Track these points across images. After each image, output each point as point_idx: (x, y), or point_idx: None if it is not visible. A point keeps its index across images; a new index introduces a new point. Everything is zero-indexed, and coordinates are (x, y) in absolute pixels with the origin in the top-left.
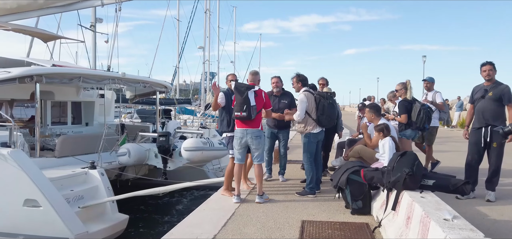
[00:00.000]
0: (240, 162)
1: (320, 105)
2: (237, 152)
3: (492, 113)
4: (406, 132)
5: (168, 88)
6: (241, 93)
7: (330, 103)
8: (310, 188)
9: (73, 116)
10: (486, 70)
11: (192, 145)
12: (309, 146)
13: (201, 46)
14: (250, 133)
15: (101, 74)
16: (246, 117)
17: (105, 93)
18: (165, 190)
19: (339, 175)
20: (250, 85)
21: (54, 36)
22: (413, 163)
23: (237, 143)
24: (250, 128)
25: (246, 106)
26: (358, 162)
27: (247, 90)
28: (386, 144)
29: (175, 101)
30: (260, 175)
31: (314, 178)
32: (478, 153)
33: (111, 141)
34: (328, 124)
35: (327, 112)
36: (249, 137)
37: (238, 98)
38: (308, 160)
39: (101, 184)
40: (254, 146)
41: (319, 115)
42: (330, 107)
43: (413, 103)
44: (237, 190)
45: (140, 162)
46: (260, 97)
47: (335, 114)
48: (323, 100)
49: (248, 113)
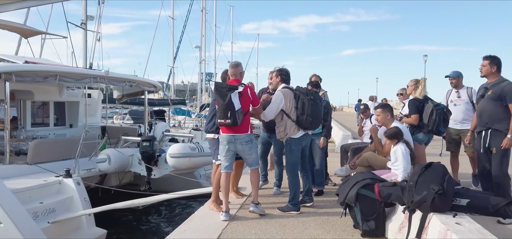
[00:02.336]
0: (227, 170)
1: (300, 103)
2: (223, 159)
3: (491, 114)
4: (418, 135)
5: (157, 87)
6: (223, 96)
7: (311, 100)
8: (293, 204)
9: (56, 118)
10: (481, 66)
11: (179, 151)
12: (290, 155)
13: (197, 46)
14: (238, 139)
15: (81, 72)
16: (231, 124)
17: (92, 93)
18: (145, 202)
19: (347, 189)
20: (232, 86)
21: (35, 31)
22: (443, 178)
23: (223, 150)
24: (237, 133)
25: (230, 112)
26: (369, 173)
27: (229, 92)
28: (398, 150)
29: (169, 102)
30: (256, 181)
31: (298, 193)
32: (485, 161)
33: (92, 145)
34: (311, 126)
35: (308, 111)
36: (238, 143)
37: (220, 103)
38: (291, 172)
39: (76, 195)
40: (246, 152)
41: (299, 115)
42: (312, 105)
43: (425, 103)
44: (225, 206)
45: (122, 169)
46: (246, 96)
47: (320, 114)
48: (303, 97)
49: (233, 119)
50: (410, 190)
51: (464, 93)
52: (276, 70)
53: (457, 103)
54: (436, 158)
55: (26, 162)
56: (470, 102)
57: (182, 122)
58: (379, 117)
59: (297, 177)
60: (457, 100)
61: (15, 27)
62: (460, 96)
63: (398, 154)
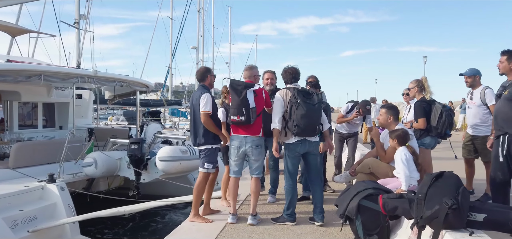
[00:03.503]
0: (236, 176)
1: (288, 106)
2: (233, 163)
3: (507, 117)
4: (424, 140)
5: (149, 87)
6: (238, 93)
7: (297, 104)
8: (288, 215)
9: (45, 119)
10: (499, 62)
11: (168, 154)
12: (286, 161)
13: (194, 47)
14: (249, 141)
15: (67, 71)
16: (244, 122)
17: (83, 93)
18: (131, 210)
19: (347, 200)
20: (248, 84)
21: (22, 29)
22: (457, 190)
23: (234, 153)
24: (249, 134)
25: (244, 108)
26: (371, 182)
27: (245, 89)
28: (397, 155)
29: (164, 103)
30: (256, 191)
31: (294, 201)
32: (502, 170)
33: (78, 148)
34: (300, 132)
35: (295, 117)
36: (249, 146)
37: (234, 100)
38: (286, 178)
39: (60, 201)
40: (254, 157)
41: (288, 121)
42: (298, 109)
43: (432, 104)
44: (233, 208)
45: (110, 173)
46: (260, 97)
47: (312, 120)
48: (292, 100)
49: (247, 117)
50: (419, 203)
51: (477, 94)
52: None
53: (470, 106)
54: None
55: (8, 166)
56: (482, 104)
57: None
58: (381, 117)
59: (293, 184)
60: (470, 102)
61: (1, 26)
62: (472, 98)
63: (397, 160)
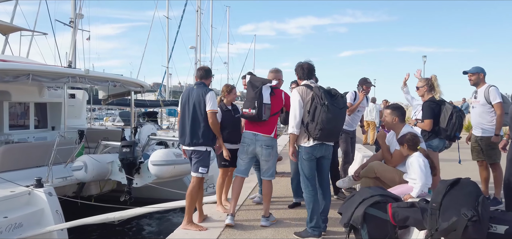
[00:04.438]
0: (242, 175)
1: (312, 107)
2: (241, 161)
3: None
4: (432, 142)
5: (144, 87)
6: (254, 87)
7: (325, 106)
8: (312, 228)
9: (37, 120)
10: None
11: (161, 158)
12: (301, 165)
13: (192, 46)
14: (260, 140)
15: (57, 70)
16: (255, 117)
17: (76, 93)
18: (121, 216)
19: (352, 208)
20: (266, 80)
21: (12, 27)
22: (476, 200)
23: (242, 151)
24: (261, 132)
25: (257, 102)
26: (378, 188)
27: (262, 84)
28: (415, 161)
29: (160, 103)
30: (268, 194)
31: (316, 211)
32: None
33: (69, 150)
34: (324, 137)
35: (318, 119)
36: (259, 145)
37: (249, 94)
38: (304, 186)
39: (47, 207)
40: (264, 157)
41: (308, 122)
42: (325, 113)
43: (442, 105)
44: (232, 208)
45: (101, 177)
46: (278, 98)
47: (337, 126)
48: (317, 101)
49: (259, 111)
50: (434, 214)
51: (481, 93)
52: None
53: (474, 105)
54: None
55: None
56: (487, 103)
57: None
58: (386, 118)
59: (314, 190)
60: (474, 101)
61: None
62: (476, 96)
63: (414, 167)
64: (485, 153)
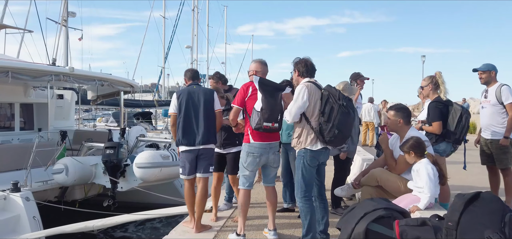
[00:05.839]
0: (251, 188)
1: (328, 107)
2: (249, 174)
3: None
4: (439, 146)
5: (134, 87)
6: (272, 95)
7: (343, 107)
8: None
9: (23, 121)
10: None
11: (147, 161)
12: (302, 170)
13: (189, 46)
14: (273, 148)
15: (39, 68)
16: (277, 129)
17: (65, 93)
18: (102, 225)
19: (352, 223)
20: (280, 85)
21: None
22: (502, 219)
23: (252, 162)
24: (273, 140)
25: (280, 115)
26: (382, 200)
27: (278, 91)
28: (422, 169)
29: (155, 103)
30: (275, 202)
31: (313, 224)
32: None
33: (50, 153)
34: (336, 141)
35: (335, 121)
36: (272, 153)
37: (269, 102)
38: (301, 195)
39: (24, 213)
40: (275, 164)
41: (322, 123)
42: (343, 114)
43: (450, 106)
44: (240, 227)
45: (84, 181)
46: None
47: (350, 128)
48: (333, 100)
49: (280, 125)
50: (450, 235)
51: (492, 92)
52: (294, 62)
53: (484, 106)
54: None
55: None
56: (498, 104)
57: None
58: (390, 121)
59: (311, 201)
60: (484, 101)
61: None
62: (487, 96)
63: (422, 175)
64: (495, 157)
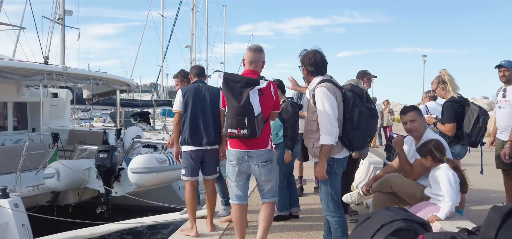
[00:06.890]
0: (241, 202)
1: (356, 112)
2: (234, 186)
3: None
4: (454, 149)
5: (131, 86)
6: (237, 94)
7: (369, 110)
8: None
9: (17, 121)
10: None
11: (142, 165)
12: (331, 181)
13: (187, 45)
14: (254, 157)
15: (30, 67)
16: (248, 136)
17: (60, 92)
18: (92, 234)
19: (367, 235)
20: (251, 80)
21: None
22: None
23: (233, 172)
24: (253, 148)
25: (247, 119)
26: (399, 209)
27: (247, 88)
28: (443, 175)
29: (153, 103)
30: (270, 218)
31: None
32: None
33: (42, 156)
34: (362, 145)
35: (363, 125)
36: (253, 163)
37: (232, 104)
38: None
39: (12, 221)
40: (264, 177)
41: (351, 130)
42: (370, 117)
43: (466, 106)
44: None
45: (76, 186)
46: (268, 96)
47: (374, 132)
48: (360, 104)
49: (252, 130)
50: None
51: (510, 91)
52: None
53: (501, 105)
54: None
55: None
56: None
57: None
58: (415, 124)
59: (343, 213)
60: (502, 101)
61: None
62: (506, 95)
63: (442, 181)
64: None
